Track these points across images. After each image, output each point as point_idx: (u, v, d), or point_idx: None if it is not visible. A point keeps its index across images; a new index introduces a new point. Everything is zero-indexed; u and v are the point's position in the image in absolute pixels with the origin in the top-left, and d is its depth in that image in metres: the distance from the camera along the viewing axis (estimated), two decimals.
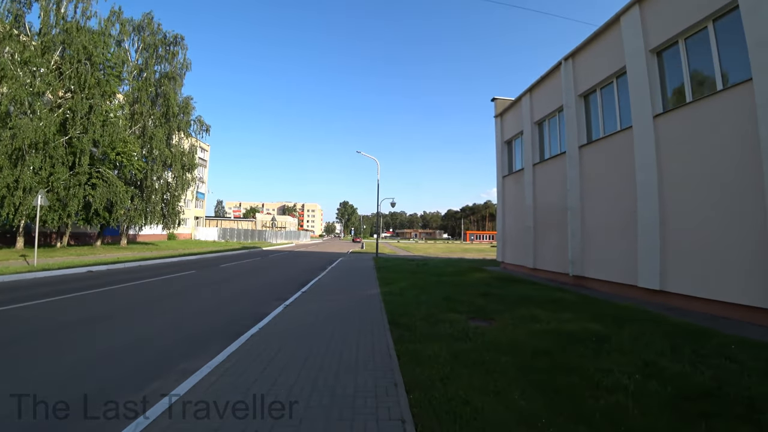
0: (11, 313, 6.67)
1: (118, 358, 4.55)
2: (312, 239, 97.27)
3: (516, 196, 17.21)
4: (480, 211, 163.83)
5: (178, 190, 29.63)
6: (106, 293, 9.14)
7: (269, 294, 9.60)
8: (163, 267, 16.05)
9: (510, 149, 18.81)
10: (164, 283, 11.37)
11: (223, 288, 10.77)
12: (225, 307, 7.94)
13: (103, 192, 21.38)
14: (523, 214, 16.09)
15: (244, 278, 13.30)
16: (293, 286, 10.94)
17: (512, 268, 17.21)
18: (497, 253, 19.09)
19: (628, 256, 9.88)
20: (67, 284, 10.21)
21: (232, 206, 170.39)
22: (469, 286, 10.76)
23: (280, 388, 3.44)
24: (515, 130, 17.48)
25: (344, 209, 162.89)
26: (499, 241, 18.88)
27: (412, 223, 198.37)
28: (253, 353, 4.47)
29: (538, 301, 8.20)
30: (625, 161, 10.07)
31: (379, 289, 10.06)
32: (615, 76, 10.97)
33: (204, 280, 12.36)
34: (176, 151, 26.96)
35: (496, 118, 19.64)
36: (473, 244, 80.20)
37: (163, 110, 26.41)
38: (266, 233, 57.01)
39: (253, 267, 17.59)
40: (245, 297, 9.31)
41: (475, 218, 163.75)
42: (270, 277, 13.69)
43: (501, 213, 18.76)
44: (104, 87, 21.65)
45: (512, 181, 17.81)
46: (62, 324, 6.00)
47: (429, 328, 5.71)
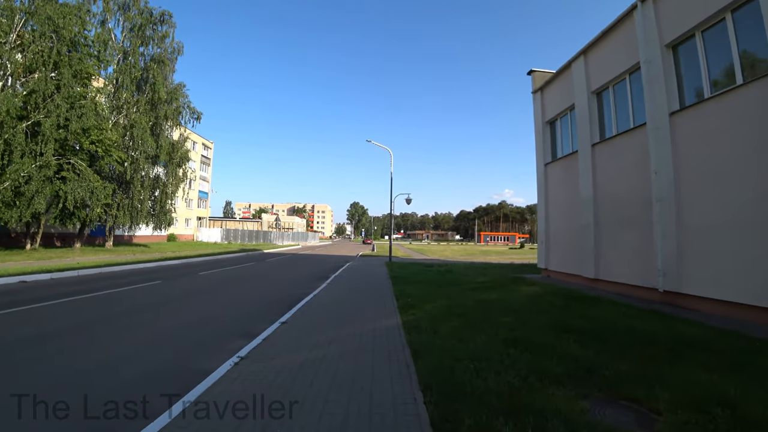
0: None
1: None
2: (321, 241, 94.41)
3: (565, 186, 13.74)
4: (494, 211, 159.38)
5: (170, 187, 26.76)
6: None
7: (219, 332, 6.30)
8: (125, 275, 12.98)
9: (552, 131, 15.36)
10: (87, 304, 8.20)
11: (164, 318, 7.54)
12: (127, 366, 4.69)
13: (75, 186, 18.49)
14: (576, 209, 12.63)
15: (211, 296, 10.08)
16: (277, 309, 7.68)
17: (561, 278, 13.72)
18: (538, 258, 15.61)
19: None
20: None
21: (241, 207, 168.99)
22: (528, 311, 7.33)
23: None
24: (562, 106, 14.03)
25: (354, 210, 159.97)
26: (540, 244, 15.39)
27: (423, 224, 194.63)
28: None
29: (670, 346, 4.80)
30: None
31: (398, 317, 6.70)
32: (730, 9, 7.55)
33: (145, 304, 9.18)
34: (164, 142, 23.99)
35: (534, 94, 16.20)
36: (489, 246, 76.35)
37: (149, 96, 23.51)
38: (271, 234, 54.15)
39: (236, 276, 14.42)
40: (181, 337, 6.06)
41: (489, 219, 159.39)
42: (246, 294, 10.45)
43: (543, 209, 15.27)
44: (76, 66, 18.80)
45: (559, 169, 14.34)
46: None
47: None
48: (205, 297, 9.41)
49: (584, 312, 7.18)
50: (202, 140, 53.70)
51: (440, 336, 5.29)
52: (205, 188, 55.33)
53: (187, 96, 26.46)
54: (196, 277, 13.06)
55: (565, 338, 5.19)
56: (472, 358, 4.22)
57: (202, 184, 54.20)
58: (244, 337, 5.35)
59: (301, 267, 19.22)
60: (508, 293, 9.71)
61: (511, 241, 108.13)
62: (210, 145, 56.38)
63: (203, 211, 54.77)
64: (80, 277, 12.04)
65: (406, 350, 4.69)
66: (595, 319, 6.54)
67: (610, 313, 7.10)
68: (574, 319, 6.49)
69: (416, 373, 3.89)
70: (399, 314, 6.97)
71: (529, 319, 6.50)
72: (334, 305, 8.03)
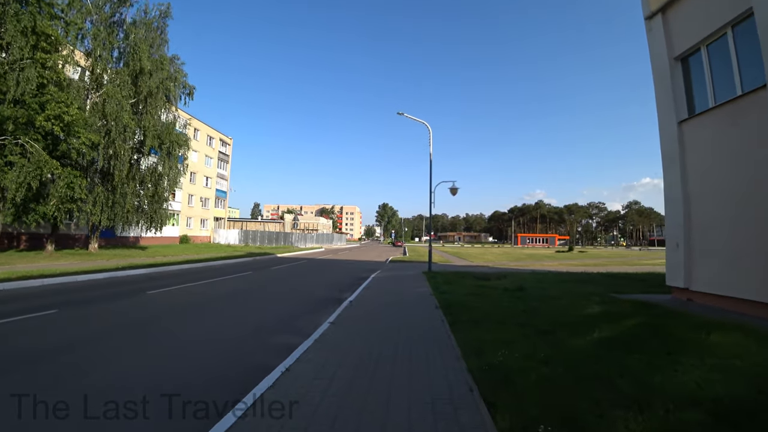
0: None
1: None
2: (348, 243, 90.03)
3: (730, 152, 8.04)
4: (530, 212, 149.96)
5: (165, 180, 22.61)
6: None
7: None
8: (25, 296, 8.37)
9: (687, 71, 9.67)
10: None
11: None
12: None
13: (21, 173, 14.39)
14: (760, 189, 6.99)
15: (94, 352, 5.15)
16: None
17: (718, 304, 7.99)
18: (669, 269, 9.81)
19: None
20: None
21: (270, 209, 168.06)
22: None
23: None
24: (712, 25, 8.41)
25: (384, 211, 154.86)
26: (673, 248, 9.59)
27: (454, 225, 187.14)
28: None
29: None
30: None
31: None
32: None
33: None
34: (148, 123, 19.71)
35: (649, 20, 10.51)
36: (530, 249, 69.00)
37: (131, 68, 19.33)
38: (293, 236, 49.89)
39: (190, 302, 9.57)
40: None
41: (524, 220, 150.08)
42: (153, 360, 5.47)
43: (678, 192, 9.46)
44: (25, 22, 14.73)
45: (713, 125, 8.59)
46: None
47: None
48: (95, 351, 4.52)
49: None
50: (220, 135, 50.32)
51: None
52: (224, 187, 51.88)
53: (182, 71, 22.22)
54: (124, 305, 8.27)
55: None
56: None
57: (220, 182, 50.77)
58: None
59: (310, 279, 14.19)
60: (689, 359, 4.21)
61: (550, 243, 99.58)
62: (229, 141, 52.97)
63: (221, 211, 51.32)
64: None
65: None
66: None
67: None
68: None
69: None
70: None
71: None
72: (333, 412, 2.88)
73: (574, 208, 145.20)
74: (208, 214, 47.65)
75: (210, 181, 47.98)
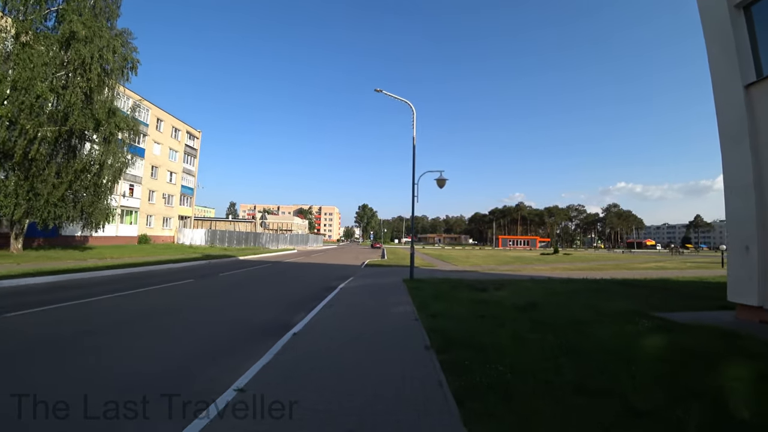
0: None
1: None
2: (325, 244, 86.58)
3: None
4: (511, 213, 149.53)
5: (105, 171, 19.17)
6: None
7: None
8: None
9: (751, 23, 7.38)
10: None
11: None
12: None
13: None
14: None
15: None
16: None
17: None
18: (731, 280, 7.43)
19: None
20: None
21: (246, 209, 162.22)
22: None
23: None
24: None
25: (363, 212, 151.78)
26: (739, 250, 7.18)
27: (434, 227, 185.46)
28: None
29: None
30: None
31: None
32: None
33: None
34: (74, 98, 16.26)
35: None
36: (513, 251, 67.41)
37: (61, 32, 15.91)
38: (263, 237, 46.44)
39: (59, 335, 6.59)
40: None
41: (505, 222, 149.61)
42: None
43: (749, 177, 7.08)
44: None
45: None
46: None
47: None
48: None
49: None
50: (187, 127, 46.41)
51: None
52: (191, 183, 47.92)
53: (130, 43, 18.91)
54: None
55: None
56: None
57: (187, 178, 46.81)
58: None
59: (249, 297, 10.97)
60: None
61: (532, 246, 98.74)
62: (197, 134, 49.06)
63: (186, 209, 47.32)
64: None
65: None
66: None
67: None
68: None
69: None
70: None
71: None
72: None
73: (554, 211, 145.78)
74: (172, 212, 43.70)
75: (175, 177, 44.03)
